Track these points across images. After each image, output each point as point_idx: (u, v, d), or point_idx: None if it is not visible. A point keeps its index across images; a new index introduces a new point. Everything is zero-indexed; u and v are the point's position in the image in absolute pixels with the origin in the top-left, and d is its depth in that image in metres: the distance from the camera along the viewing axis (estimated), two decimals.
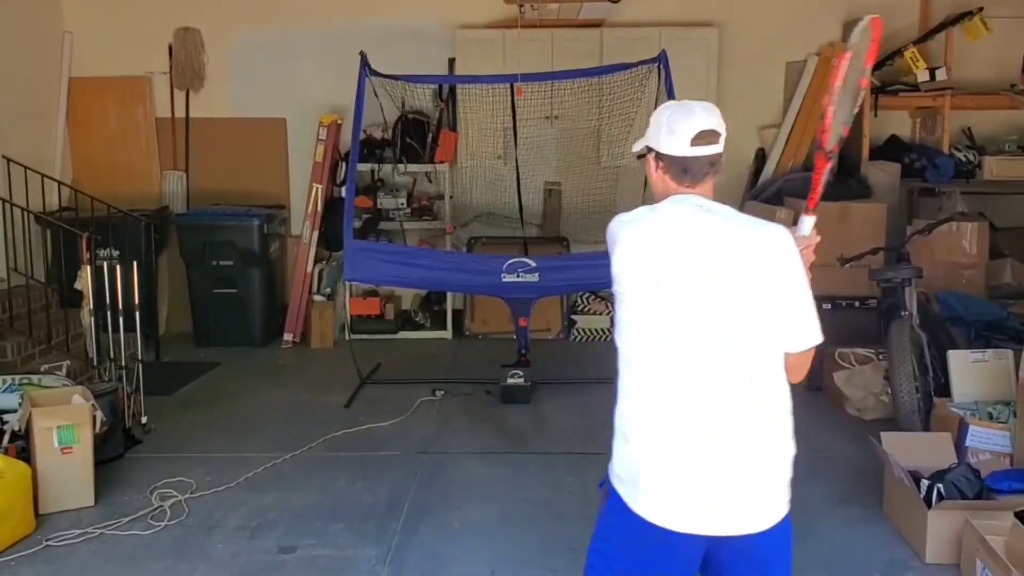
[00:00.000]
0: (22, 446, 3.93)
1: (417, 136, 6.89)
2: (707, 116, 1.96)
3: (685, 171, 1.98)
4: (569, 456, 4.56)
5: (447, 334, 6.98)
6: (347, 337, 6.17)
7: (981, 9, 6.37)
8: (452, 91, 6.94)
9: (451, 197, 6.95)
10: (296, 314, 6.72)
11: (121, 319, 4.76)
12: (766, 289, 1.89)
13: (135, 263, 4.80)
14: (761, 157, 6.91)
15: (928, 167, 6.46)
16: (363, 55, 5.61)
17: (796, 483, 3.40)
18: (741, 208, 6.54)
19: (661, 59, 5.55)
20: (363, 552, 3.53)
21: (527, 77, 5.96)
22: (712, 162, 1.98)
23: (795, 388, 6.42)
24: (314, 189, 6.80)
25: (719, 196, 6.91)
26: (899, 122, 6.99)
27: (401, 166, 6.89)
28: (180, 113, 7.19)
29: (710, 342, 1.92)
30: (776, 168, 6.69)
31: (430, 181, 7.12)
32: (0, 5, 6.25)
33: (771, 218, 6.29)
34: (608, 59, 6.48)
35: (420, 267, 5.29)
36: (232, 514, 3.85)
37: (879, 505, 3.85)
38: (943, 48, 6.70)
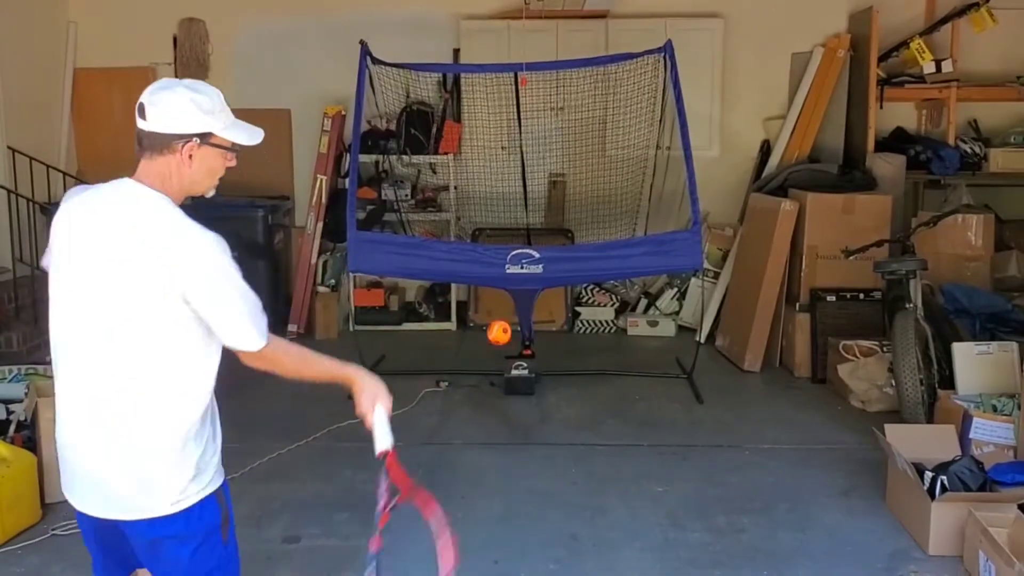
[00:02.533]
0: (28, 436, 3.95)
1: (421, 127, 6.88)
2: (148, 90, 1.97)
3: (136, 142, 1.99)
4: (572, 447, 4.58)
5: (451, 325, 6.98)
6: (351, 328, 6.18)
7: (987, 0, 6.34)
8: (456, 82, 6.93)
9: (455, 188, 6.94)
10: (300, 305, 6.73)
11: None
12: (171, 284, 1.87)
13: None
14: (766, 149, 6.89)
15: (934, 159, 6.44)
16: (363, 44, 5.60)
17: (791, 474, 3.35)
18: (745, 199, 6.61)
19: (667, 49, 5.52)
20: (367, 542, 3.53)
21: (532, 66, 5.94)
22: (138, 136, 1.98)
23: (800, 380, 6.41)
24: (318, 180, 6.79)
25: (724, 189, 6.88)
26: (905, 114, 6.96)
27: (405, 157, 6.88)
28: None
29: (91, 328, 1.92)
30: (781, 160, 6.67)
31: (434, 172, 7.12)
32: None
33: (776, 209, 6.32)
34: (613, 50, 6.46)
35: (424, 258, 5.30)
36: (237, 504, 3.79)
37: (882, 497, 3.86)
38: (949, 40, 6.66)
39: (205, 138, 1.97)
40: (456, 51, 6.99)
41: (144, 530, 1.98)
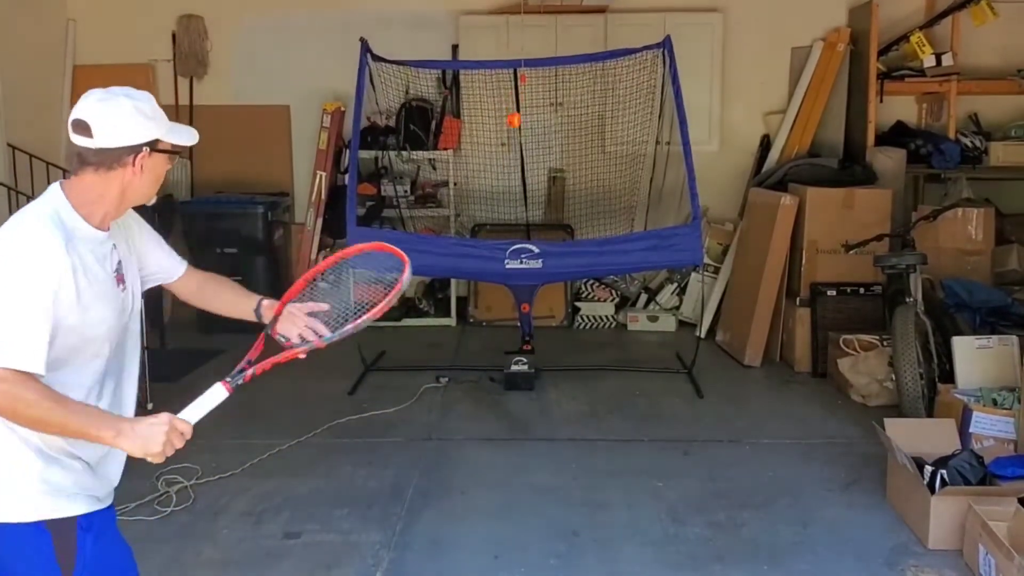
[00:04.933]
0: None
1: (421, 123, 6.88)
2: (85, 105, 1.83)
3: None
4: (572, 442, 4.58)
5: (451, 321, 6.98)
6: None
7: None
8: (456, 78, 6.93)
9: (455, 184, 6.94)
10: None
11: None
12: None
13: None
14: (766, 143, 6.88)
15: (934, 153, 6.42)
16: (363, 42, 5.59)
17: (792, 468, 3.35)
18: (745, 194, 6.61)
19: (666, 44, 5.52)
20: (367, 537, 3.55)
21: (530, 63, 5.93)
22: (78, 153, 1.85)
23: (800, 375, 6.41)
24: (318, 176, 6.79)
25: (724, 183, 6.88)
26: (905, 108, 6.94)
27: (404, 153, 6.88)
28: (184, 101, 7.18)
29: None
30: (781, 155, 6.66)
31: (434, 168, 7.11)
32: None
33: (776, 204, 6.30)
34: (612, 45, 6.46)
35: (423, 254, 5.28)
36: (237, 500, 3.87)
37: (882, 491, 3.86)
38: (949, 33, 6.65)
39: (153, 145, 1.89)
40: (455, 47, 6.98)
41: None
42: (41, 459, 1.84)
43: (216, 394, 1.89)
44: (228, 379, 1.91)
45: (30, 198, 6.15)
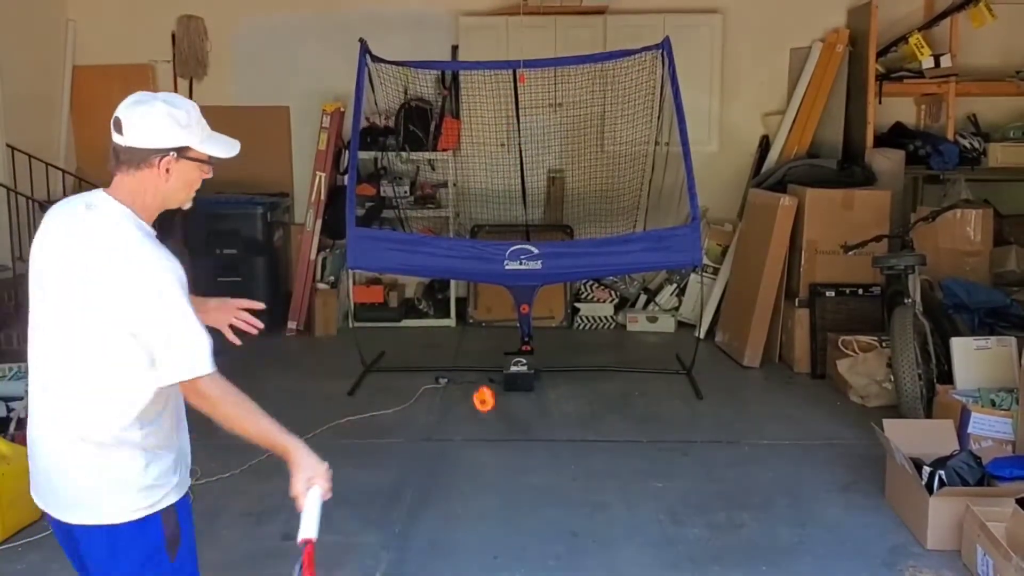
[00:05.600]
0: None
1: (420, 124, 6.88)
2: (124, 104, 1.92)
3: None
4: (572, 443, 4.59)
5: (451, 322, 6.99)
6: (351, 325, 6.19)
7: None
8: (455, 78, 6.93)
9: (454, 184, 6.94)
10: (300, 302, 6.73)
11: None
12: (113, 305, 1.87)
13: None
14: (765, 144, 6.89)
15: (933, 154, 6.43)
16: (363, 42, 5.60)
17: (790, 469, 3.33)
18: (745, 195, 6.61)
19: (664, 45, 5.53)
20: (367, 538, 3.55)
21: (529, 63, 5.94)
22: (113, 148, 1.93)
23: (799, 375, 6.40)
24: (317, 177, 6.79)
25: (723, 184, 6.88)
26: (904, 109, 6.95)
27: (404, 154, 6.88)
28: None
29: (56, 337, 2.00)
30: (780, 155, 6.67)
31: (433, 169, 7.12)
32: None
33: (775, 205, 6.29)
34: (611, 46, 6.46)
35: (423, 254, 5.30)
36: (237, 500, 3.87)
37: (881, 492, 3.87)
38: (948, 34, 6.66)
39: (182, 152, 1.96)
40: (455, 47, 6.98)
41: (79, 536, 2.01)
42: (145, 457, 1.99)
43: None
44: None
45: (29, 198, 6.19)
